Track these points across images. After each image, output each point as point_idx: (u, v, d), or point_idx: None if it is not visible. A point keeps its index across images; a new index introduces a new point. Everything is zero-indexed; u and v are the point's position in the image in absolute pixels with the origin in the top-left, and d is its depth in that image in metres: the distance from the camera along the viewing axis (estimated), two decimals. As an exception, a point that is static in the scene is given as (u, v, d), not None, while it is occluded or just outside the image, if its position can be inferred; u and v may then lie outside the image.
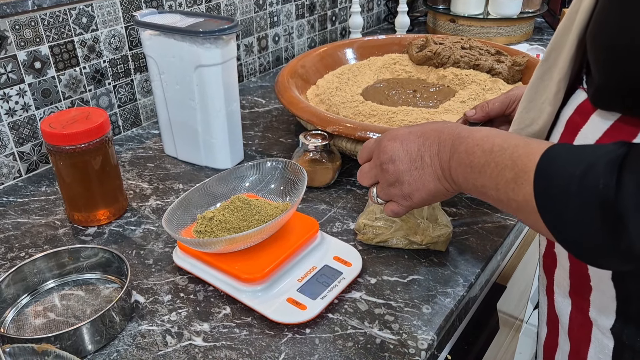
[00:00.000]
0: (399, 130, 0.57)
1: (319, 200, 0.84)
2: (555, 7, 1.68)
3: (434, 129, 0.54)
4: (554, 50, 0.52)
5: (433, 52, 1.12)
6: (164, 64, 0.88)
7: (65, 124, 0.73)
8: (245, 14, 1.25)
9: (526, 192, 0.42)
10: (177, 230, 0.68)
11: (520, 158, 0.43)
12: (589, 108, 0.47)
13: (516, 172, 0.43)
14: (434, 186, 0.54)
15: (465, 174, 0.49)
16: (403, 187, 0.56)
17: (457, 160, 0.50)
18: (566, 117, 0.50)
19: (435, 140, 0.53)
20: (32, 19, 0.86)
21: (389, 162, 0.56)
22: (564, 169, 0.39)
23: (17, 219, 0.81)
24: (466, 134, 0.51)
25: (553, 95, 0.51)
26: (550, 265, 0.55)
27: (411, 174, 0.55)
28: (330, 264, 0.68)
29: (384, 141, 0.58)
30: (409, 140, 0.55)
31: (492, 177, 0.46)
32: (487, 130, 0.50)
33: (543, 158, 0.41)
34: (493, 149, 0.46)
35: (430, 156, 0.53)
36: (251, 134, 1.05)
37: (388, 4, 1.76)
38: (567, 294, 0.53)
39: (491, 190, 0.47)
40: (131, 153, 0.99)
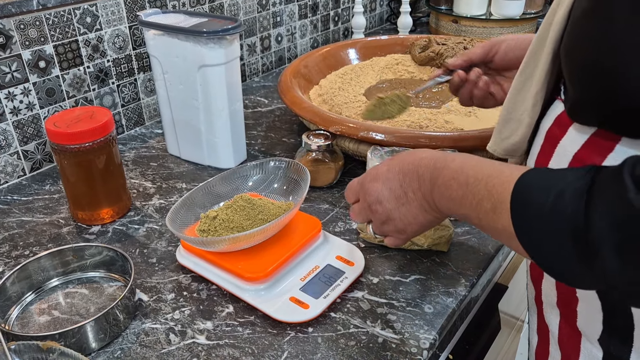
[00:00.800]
0: (379, 169, 0.57)
1: (322, 200, 0.84)
2: (558, 8, 1.68)
3: (410, 162, 0.54)
4: (530, 62, 0.52)
5: (435, 53, 1.12)
6: (167, 63, 0.88)
7: (69, 123, 0.73)
8: (249, 14, 1.26)
9: (504, 221, 0.43)
10: (181, 229, 0.68)
11: (495, 188, 0.44)
12: (567, 120, 0.48)
13: (493, 203, 0.44)
14: (424, 218, 0.55)
15: (448, 205, 0.50)
16: (395, 222, 0.56)
17: (438, 194, 0.51)
18: (546, 128, 0.51)
19: (415, 176, 0.53)
20: (36, 19, 0.86)
21: (376, 203, 0.57)
22: (536, 197, 0.40)
23: (21, 218, 0.81)
24: (441, 164, 0.51)
25: (531, 108, 0.52)
26: (538, 276, 0.56)
27: (399, 210, 0.55)
28: (333, 263, 0.68)
29: (366, 183, 0.58)
30: (389, 179, 0.55)
31: (472, 208, 0.47)
32: (460, 159, 0.50)
33: (516, 188, 0.42)
34: (468, 181, 0.47)
35: (413, 191, 0.53)
36: (254, 133, 1.05)
37: (390, 4, 1.76)
38: (555, 304, 0.53)
39: (474, 220, 0.47)
40: (134, 152, 0.99)
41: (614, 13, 0.39)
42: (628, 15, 0.38)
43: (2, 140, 0.87)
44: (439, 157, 0.52)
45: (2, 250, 0.74)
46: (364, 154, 0.85)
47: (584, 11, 0.43)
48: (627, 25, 0.38)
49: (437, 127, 0.89)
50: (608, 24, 0.40)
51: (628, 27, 0.38)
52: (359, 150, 0.85)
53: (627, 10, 0.38)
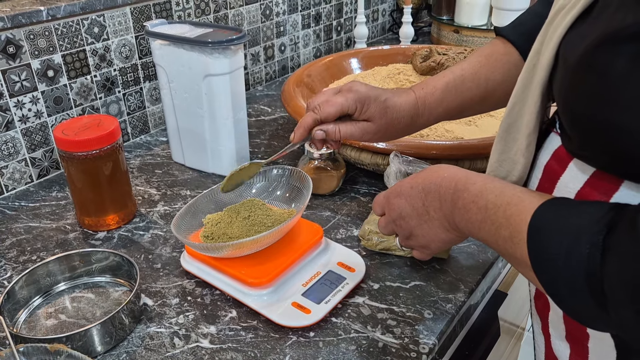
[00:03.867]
0: (403, 186, 0.58)
1: (324, 208, 0.85)
2: (558, 18, 1.69)
3: (433, 182, 0.54)
4: (517, 103, 0.51)
5: (437, 63, 1.14)
6: (173, 72, 0.90)
7: (77, 131, 0.75)
8: (253, 24, 1.28)
9: (522, 252, 0.43)
10: (185, 235, 0.69)
11: (513, 217, 0.44)
12: (565, 155, 0.47)
13: (511, 232, 0.44)
14: (445, 236, 0.55)
15: (468, 228, 0.50)
16: (418, 239, 0.58)
17: (459, 216, 0.51)
18: (543, 163, 0.50)
19: (436, 196, 0.53)
20: (46, 29, 0.88)
21: (400, 218, 0.58)
22: (553, 239, 0.40)
23: (29, 223, 0.83)
24: (462, 186, 0.51)
25: (525, 148, 0.51)
26: (543, 308, 0.55)
27: (422, 227, 0.56)
28: (335, 269, 0.69)
29: (390, 198, 0.59)
30: (411, 196, 0.56)
31: (491, 234, 0.47)
32: (481, 182, 0.49)
33: (532, 224, 0.42)
34: (487, 206, 0.47)
35: (434, 210, 0.54)
36: (257, 141, 1.07)
37: (393, 14, 1.78)
38: (564, 338, 0.52)
39: (493, 245, 0.48)
40: (140, 159, 1.01)
41: (609, 68, 0.38)
42: (626, 70, 0.37)
43: (10, 147, 0.89)
44: (461, 178, 0.51)
45: (10, 255, 0.76)
46: (366, 162, 0.87)
47: (578, 62, 0.41)
48: (624, 81, 0.37)
49: (437, 135, 0.90)
50: (604, 78, 0.39)
51: (625, 82, 0.37)
52: (361, 159, 0.86)
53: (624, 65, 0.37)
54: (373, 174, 0.93)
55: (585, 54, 0.40)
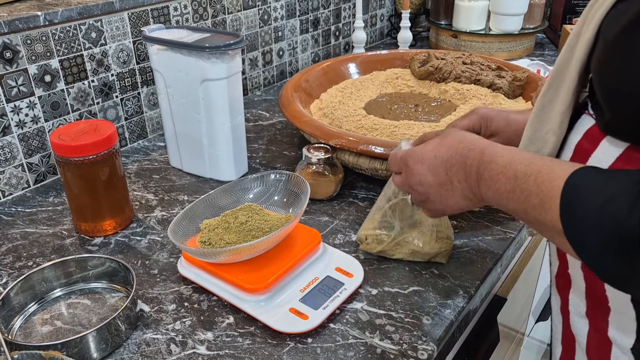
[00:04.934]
0: (425, 152, 0.59)
1: (322, 213, 0.85)
2: (556, 23, 1.70)
3: (458, 153, 0.56)
4: (553, 83, 0.53)
5: (435, 67, 1.14)
6: (170, 77, 0.90)
7: (74, 136, 0.75)
8: (251, 29, 1.28)
9: (553, 217, 0.44)
10: (182, 241, 0.69)
11: (544, 184, 0.45)
12: (597, 134, 0.48)
13: (541, 198, 0.45)
14: (464, 204, 0.57)
15: (495, 198, 0.52)
16: (434, 204, 0.60)
17: (485, 186, 0.52)
18: (574, 143, 0.52)
19: (461, 167, 0.55)
20: (43, 34, 0.88)
21: (418, 184, 0.60)
22: (587, 199, 0.41)
23: (25, 229, 0.82)
24: (488, 158, 0.52)
25: (557, 126, 0.53)
26: (564, 286, 0.56)
27: (441, 194, 0.58)
28: (332, 274, 0.69)
29: (410, 163, 0.60)
30: (435, 165, 0.57)
31: (520, 202, 0.48)
32: (509, 154, 0.51)
33: (566, 186, 0.43)
34: (517, 176, 0.48)
35: (458, 181, 0.55)
36: (255, 146, 1.06)
37: (391, 19, 1.78)
38: (584, 314, 0.53)
39: (520, 213, 0.49)
40: (137, 165, 1.01)
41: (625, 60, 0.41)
42: None
43: (7, 152, 0.89)
44: (487, 149, 0.53)
45: (6, 261, 0.75)
46: (364, 166, 0.86)
47: (614, 39, 0.43)
48: None
49: (436, 140, 0.90)
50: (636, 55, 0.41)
51: None
52: (359, 164, 0.86)
53: None
54: (371, 178, 0.93)
55: (621, 31, 0.42)
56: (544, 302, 1.39)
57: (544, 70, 1.36)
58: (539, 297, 1.34)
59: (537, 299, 1.33)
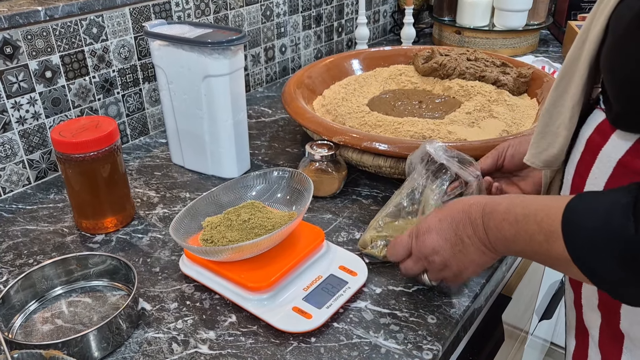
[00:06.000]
0: (429, 222, 0.60)
1: (325, 210, 0.84)
2: (561, 19, 1.68)
3: (461, 210, 0.57)
4: (564, 77, 0.54)
5: (439, 64, 1.13)
6: (172, 73, 0.89)
7: (75, 133, 0.74)
8: (253, 25, 1.27)
9: (559, 249, 0.45)
10: (184, 239, 0.68)
11: (544, 221, 0.47)
12: (608, 128, 0.49)
13: (545, 234, 0.47)
14: (481, 260, 0.57)
15: (504, 245, 0.53)
16: (453, 269, 0.59)
17: (493, 236, 0.53)
18: (586, 137, 0.53)
19: (467, 222, 0.56)
20: (44, 29, 0.87)
21: (433, 254, 0.59)
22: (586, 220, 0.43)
23: (25, 226, 0.82)
24: (490, 209, 0.53)
25: (568, 120, 0.54)
26: (577, 281, 0.57)
27: (456, 257, 0.58)
28: (336, 273, 0.68)
29: (420, 237, 0.60)
30: (442, 229, 0.58)
31: (526, 243, 0.49)
32: (507, 201, 0.52)
33: (565, 215, 0.45)
34: (517, 219, 0.50)
35: (468, 237, 0.56)
36: (257, 143, 1.05)
37: (394, 15, 1.77)
38: (596, 307, 0.54)
39: (529, 253, 0.50)
40: (138, 161, 1.00)
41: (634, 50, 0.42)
42: None
43: (8, 149, 0.88)
44: (487, 202, 0.55)
45: (7, 258, 0.75)
46: (367, 164, 0.85)
47: (625, 28, 0.44)
48: None
49: (440, 137, 0.89)
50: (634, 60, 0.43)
51: None
52: (362, 161, 0.85)
53: None
54: (375, 176, 0.92)
55: (631, 21, 0.43)
56: (548, 300, 1.38)
57: (548, 67, 1.35)
58: (542, 295, 1.34)
59: (541, 297, 1.32)
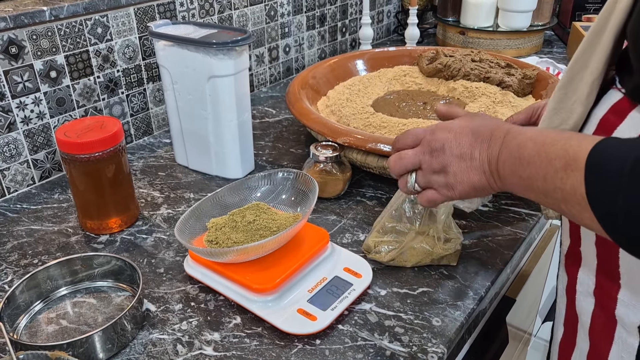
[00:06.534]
0: (454, 123, 0.58)
1: (329, 211, 0.84)
2: (565, 20, 1.68)
3: (487, 125, 0.55)
4: (584, 52, 0.52)
5: (443, 65, 1.12)
6: (177, 74, 0.89)
7: (80, 133, 0.74)
8: (257, 25, 1.26)
9: (574, 181, 0.43)
10: (189, 240, 0.68)
11: (572, 147, 0.44)
12: (625, 107, 0.48)
13: (566, 161, 0.44)
14: (477, 180, 0.55)
15: (513, 166, 0.50)
16: (448, 177, 0.57)
17: (507, 154, 0.51)
18: (599, 117, 0.51)
19: (487, 137, 0.54)
20: (49, 29, 0.87)
21: (440, 150, 0.57)
22: (616, 156, 0.40)
23: (30, 226, 0.82)
24: (518, 130, 0.52)
25: (585, 97, 0.52)
26: (573, 264, 0.56)
27: (459, 165, 0.56)
28: (341, 275, 0.68)
29: (437, 131, 0.58)
30: (462, 134, 0.56)
31: (541, 167, 0.47)
32: (540, 128, 0.51)
33: (596, 146, 0.42)
34: (545, 142, 0.47)
35: (479, 152, 0.54)
36: (262, 143, 1.05)
37: (398, 15, 1.77)
38: (592, 292, 0.53)
39: (538, 181, 0.47)
40: (143, 162, 1.00)
41: None
42: None
43: (12, 149, 0.88)
44: (516, 127, 0.53)
45: (12, 258, 0.75)
46: (372, 165, 0.85)
47: None
48: None
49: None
50: None
51: None
52: (367, 162, 0.85)
53: None
54: (379, 177, 0.92)
55: None
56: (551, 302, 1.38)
57: (553, 68, 1.35)
58: (546, 296, 1.33)
59: (544, 298, 1.32)
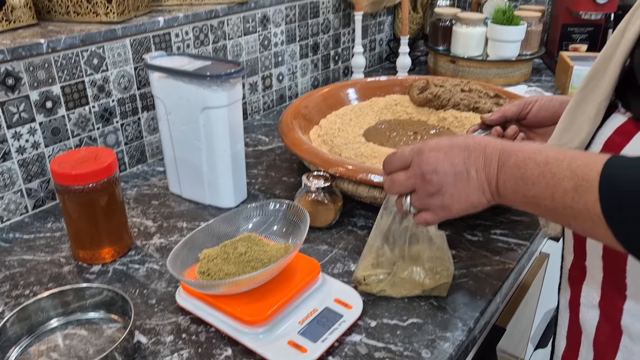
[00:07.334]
0: (440, 142, 0.57)
1: (321, 241, 0.85)
2: (553, 49, 1.72)
3: (476, 142, 0.55)
4: (593, 77, 0.54)
5: (433, 95, 1.15)
6: (171, 104, 0.90)
7: (74, 164, 0.75)
8: (251, 54, 1.29)
9: (588, 200, 0.43)
10: (181, 271, 0.69)
11: (580, 168, 0.44)
12: (630, 129, 0.50)
13: (576, 182, 0.44)
14: (476, 198, 0.55)
15: (516, 186, 0.50)
16: (444, 198, 0.56)
17: (507, 173, 0.51)
18: (604, 137, 0.53)
19: (481, 154, 0.54)
20: (45, 61, 0.89)
21: (433, 172, 0.56)
22: (632, 176, 0.41)
23: (22, 256, 0.82)
24: (511, 147, 0.52)
25: (593, 116, 0.53)
26: (578, 278, 0.57)
27: (456, 186, 0.55)
28: (331, 306, 0.69)
29: (425, 152, 0.57)
30: (452, 153, 0.55)
31: (548, 187, 0.47)
32: (535, 144, 0.51)
33: (607, 166, 0.43)
34: (548, 161, 0.47)
35: (476, 170, 0.54)
36: (254, 172, 1.07)
37: (390, 43, 1.80)
38: (597, 304, 0.54)
39: (545, 200, 0.47)
40: (136, 190, 1.01)
41: None
42: None
43: (7, 178, 0.89)
44: (507, 142, 0.53)
45: (3, 289, 0.75)
46: (363, 195, 0.86)
47: None
48: None
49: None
50: None
51: None
52: (358, 192, 0.86)
53: None
54: (370, 206, 0.93)
55: None
56: (543, 328, 1.38)
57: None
58: (538, 323, 1.34)
59: (536, 325, 1.32)
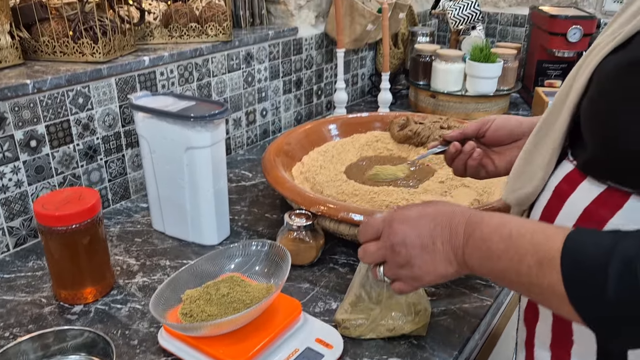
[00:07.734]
0: (410, 212, 0.58)
1: (302, 279, 0.86)
2: (529, 84, 1.77)
3: (444, 213, 0.56)
4: (546, 123, 0.57)
5: (413, 132, 1.18)
6: (155, 144, 0.92)
7: (58, 205, 0.75)
8: (235, 90, 1.31)
9: (552, 279, 0.44)
10: (164, 312, 0.69)
11: (541, 244, 0.46)
12: (576, 177, 0.52)
13: (538, 259, 0.45)
14: (444, 269, 0.56)
15: (481, 259, 0.51)
16: (413, 269, 0.57)
17: (472, 247, 0.52)
18: (554, 185, 0.55)
19: (447, 226, 0.55)
20: (31, 101, 0.90)
21: (401, 245, 0.57)
22: (589, 257, 0.42)
23: (2, 297, 0.82)
24: (478, 219, 0.53)
25: (546, 163, 0.55)
26: (532, 319, 0.58)
27: (423, 258, 0.56)
28: (312, 346, 0.69)
29: (394, 224, 0.58)
30: (419, 225, 0.56)
31: (513, 262, 0.48)
32: (499, 216, 0.52)
33: (566, 247, 0.44)
34: (511, 235, 0.48)
35: (442, 242, 0.55)
36: (238, 208, 1.08)
37: (372, 78, 1.84)
38: (548, 346, 0.56)
39: (511, 275, 0.48)
40: (119, 227, 1.01)
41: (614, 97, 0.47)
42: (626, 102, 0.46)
43: (-12, 217, 0.89)
44: (473, 212, 0.54)
45: (-17, 331, 0.74)
46: (344, 232, 0.88)
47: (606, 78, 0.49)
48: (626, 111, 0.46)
49: (414, 206, 0.93)
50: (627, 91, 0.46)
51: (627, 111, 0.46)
52: (340, 230, 0.88)
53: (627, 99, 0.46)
54: (352, 243, 0.94)
55: (613, 72, 0.48)
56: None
57: None
58: (518, 355, 1.35)
59: (516, 357, 1.33)
